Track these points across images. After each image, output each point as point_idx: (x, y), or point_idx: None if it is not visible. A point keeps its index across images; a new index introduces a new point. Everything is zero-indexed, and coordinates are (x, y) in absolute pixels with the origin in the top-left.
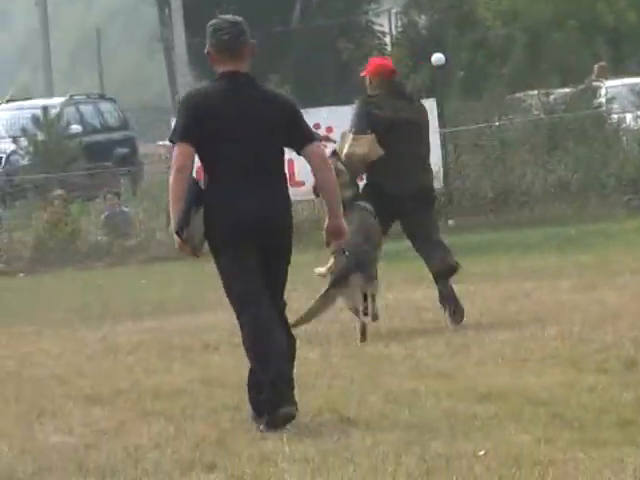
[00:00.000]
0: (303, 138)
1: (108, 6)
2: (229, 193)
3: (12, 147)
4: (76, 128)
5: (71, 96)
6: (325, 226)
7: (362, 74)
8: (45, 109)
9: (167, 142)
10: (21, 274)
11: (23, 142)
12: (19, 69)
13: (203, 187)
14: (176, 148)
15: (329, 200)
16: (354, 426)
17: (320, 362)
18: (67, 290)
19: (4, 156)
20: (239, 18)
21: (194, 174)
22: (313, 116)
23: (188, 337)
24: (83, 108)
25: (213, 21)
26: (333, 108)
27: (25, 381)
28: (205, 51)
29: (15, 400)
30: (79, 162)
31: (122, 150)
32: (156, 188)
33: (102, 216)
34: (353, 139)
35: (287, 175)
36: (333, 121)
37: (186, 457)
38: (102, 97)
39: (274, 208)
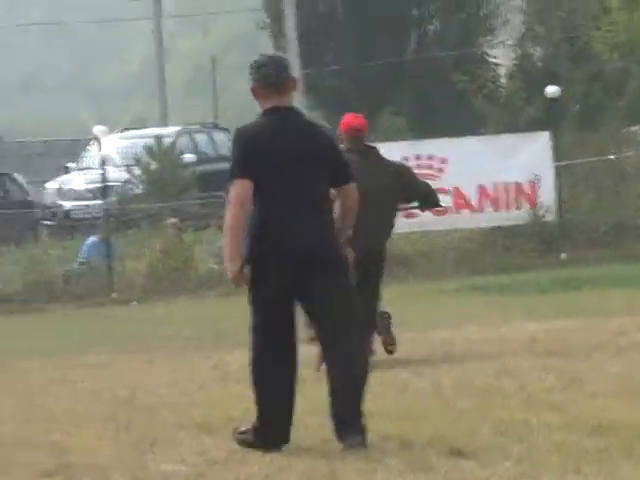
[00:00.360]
0: (343, 176)
1: (224, 35)
2: (277, 222)
3: (126, 176)
4: (190, 157)
5: (185, 125)
6: None
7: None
8: (159, 138)
9: None
10: (134, 302)
11: (137, 171)
12: (134, 98)
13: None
14: (234, 184)
15: (344, 231)
16: (464, 457)
17: (430, 393)
18: (179, 319)
19: (118, 185)
20: (282, 55)
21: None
22: (427, 147)
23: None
24: (197, 137)
25: (257, 58)
26: (447, 139)
27: (137, 409)
28: (250, 87)
29: (127, 428)
30: (192, 191)
31: None
32: None
33: (216, 245)
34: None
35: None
36: (447, 152)
37: None
38: (216, 126)
39: (319, 239)
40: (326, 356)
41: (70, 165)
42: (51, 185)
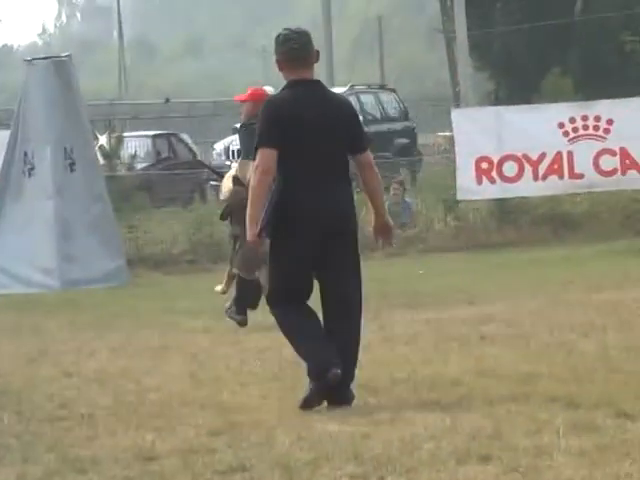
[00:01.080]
0: (360, 145)
1: None
2: (301, 191)
3: None
4: None
5: (352, 86)
6: (373, 225)
7: (240, 100)
8: None
9: (447, 133)
10: None
11: None
12: None
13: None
14: (260, 152)
15: (375, 201)
16: (631, 420)
17: (597, 355)
18: None
19: None
20: (305, 29)
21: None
22: (594, 108)
23: (465, 328)
24: (364, 98)
25: (282, 32)
26: (615, 100)
27: (302, 369)
28: (275, 60)
29: (292, 388)
30: None
31: (402, 140)
32: (435, 178)
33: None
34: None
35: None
36: (614, 113)
37: (461, 448)
38: (383, 87)
39: (340, 204)
40: (327, 324)
41: (237, 125)
42: (218, 145)
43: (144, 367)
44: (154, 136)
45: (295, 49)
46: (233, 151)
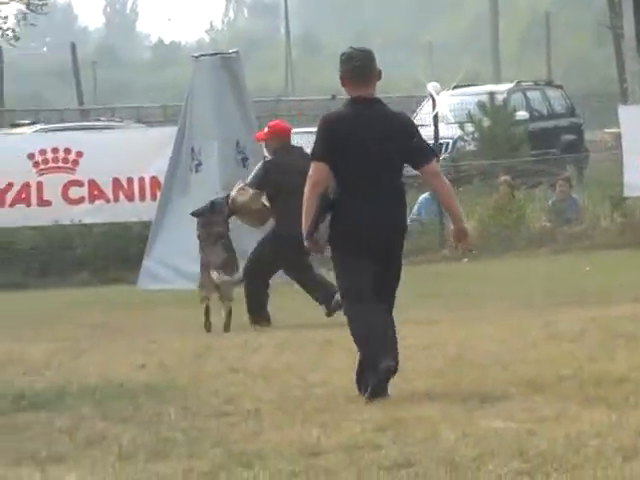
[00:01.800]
0: (423, 158)
1: None
2: (356, 205)
3: (458, 133)
4: (522, 115)
5: (518, 82)
6: (451, 230)
7: (261, 138)
8: (492, 95)
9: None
10: (465, 259)
11: (469, 128)
12: (466, 55)
13: (331, 197)
14: (313, 165)
15: (450, 208)
16: None
17: None
18: (510, 276)
19: (451, 142)
20: (369, 48)
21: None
22: None
23: (632, 325)
24: (530, 94)
25: (346, 50)
26: None
27: (467, 366)
28: (339, 76)
29: (457, 385)
30: (524, 149)
31: (568, 137)
32: (602, 175)
33: (549, 202)
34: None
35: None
36: None
37: (628, 445)
38: (549, 84)
39: (392, 217)
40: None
41: None
42: None
43: (309, 362)
44: None
45: (357, 67)
46: None
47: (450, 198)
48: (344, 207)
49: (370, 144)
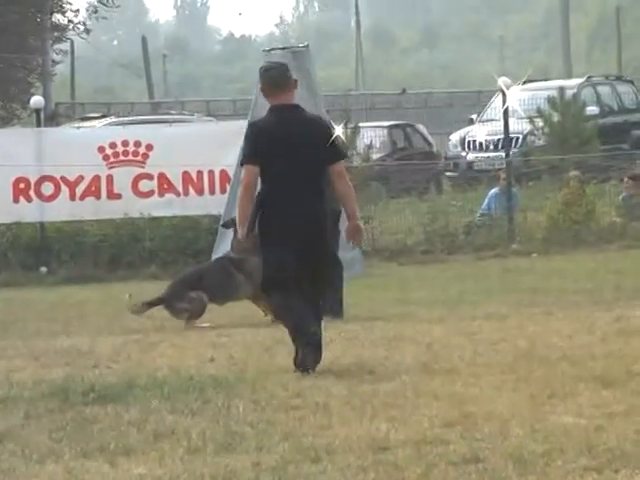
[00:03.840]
0: (332, 158)
1: None
2: (280, 198)
3: (528, 128)
4: (593, 109)
5: (589, 77)
6: (346, 226)
7: None
8: (562, 90)
9: None
10: (534, 254)
11: (539, 123)
12: (537, 49)
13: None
14: (245, 169)
15: (347, 206)
16: None
17: None
18: (579, 272)
19: (520, 136)
20: (284, 62)
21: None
22: None
23: None
24: (600, 89)
25: (263, 64)
26: None
27: (536, 361)
28: (259, 88)
29: (526, 380)
30: (594, 143)
31: (639, 132)
32: None
33: (619, 197)
34: None
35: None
36: None
37: None
38: (620, 78)
39: (312, 210)
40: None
41: (473, 116)
42: (454, 136)
43: (378, 357)
44: (390, 126)
45: (274, 77)
46: (469, 142)
47: (348, 197)
48: (270, 203)
49: (292, 145)
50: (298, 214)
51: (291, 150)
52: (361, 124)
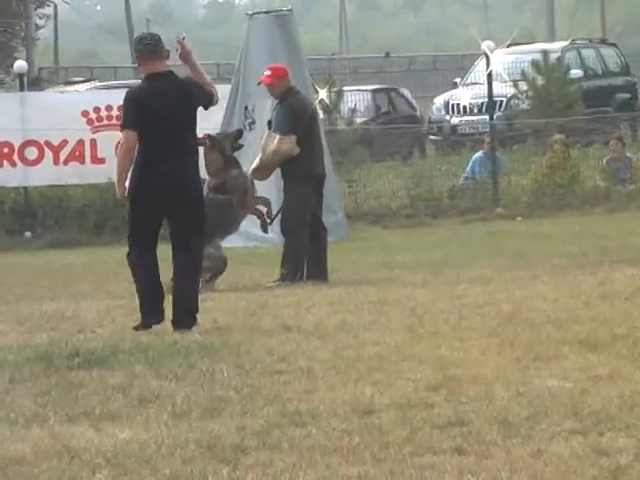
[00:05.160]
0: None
1: None
2: (155, 160)
3: (512, 91)
4: (576, 73)
5: (573, 41)
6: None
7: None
8: (546, 53)
9: None
10: (519, 218)
11: (523, 86)
12: (521, 12)
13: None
14: (124, 133)
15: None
16: None
17: None
18: (564, 235)
19: (504, 100)
20: (156, 33)
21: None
22: None
23: None
24: (584, 53)
25: (137, 35)
26: None
27: (521, 325)
28: (135, 58)
29: (511, 343)
30: (578, 107)
31: (623, 95)
32: None
33: (603, 161)
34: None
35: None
36: None
37: None
38: (604, 42)
39: (182, 171)
40: (174, 256)
41: (457, 80)
42: (438, 100)
43: (363, 321)
44: (374, 90)
45: (148, 45)
46: (453, 105)
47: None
48: (144, 164)
49: (168, 110)
50: (171, 174)
51: (164, 115)
52: (345, 88)
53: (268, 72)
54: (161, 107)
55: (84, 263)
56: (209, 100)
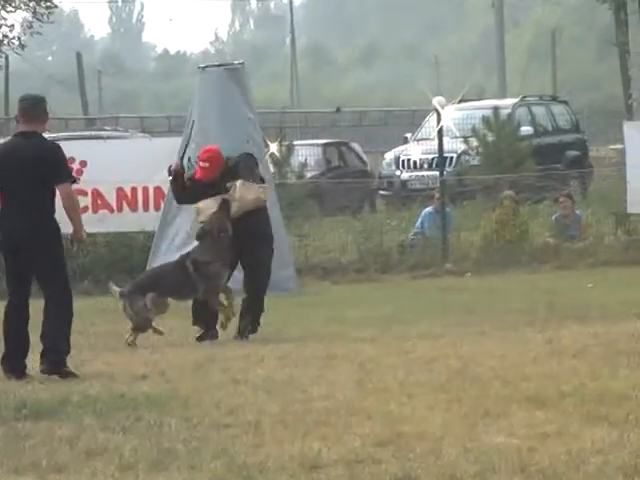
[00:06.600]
0: (58, 179)
1: (564, 7)
2: (10, 213)
3: (463, 147)
4: (527, 130)
5: (523, 97)
6: (70, 235)
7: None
8: (496, 110)
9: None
10: (468, 274)
11: (473, 142)
12: (472, 69)
13: None
14: None
15: (71, 219)
16: None
17: None
18: (513, 292)
19: (455, 155)
20: (42, 95)
21: None
22: None
23: (634, 342)
24: (535, 109)
25: (23, 94)
26: None
27: (469, 381)
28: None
29: (458, 400)
30: (528, 164)
31: (573, 153)
32: (606, 191)
33: (552, 217)
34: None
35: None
36: None
37: (629, 464)
38: (554, 99)
39: (31, 223)
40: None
41: (408, 135)
42: (389, 155)
43: (311, 376)
44: (325, 145)
45: (25, 107)
46: (403, 161)
47: (70, 211)
48: (2, 216)
49: (20, 167)
50: (23, 230)
51: (21, 172)
52: (296, 142)
53: (205, 164)
54: (15, 164)
55: (31, 315)
56: (56, 181)
